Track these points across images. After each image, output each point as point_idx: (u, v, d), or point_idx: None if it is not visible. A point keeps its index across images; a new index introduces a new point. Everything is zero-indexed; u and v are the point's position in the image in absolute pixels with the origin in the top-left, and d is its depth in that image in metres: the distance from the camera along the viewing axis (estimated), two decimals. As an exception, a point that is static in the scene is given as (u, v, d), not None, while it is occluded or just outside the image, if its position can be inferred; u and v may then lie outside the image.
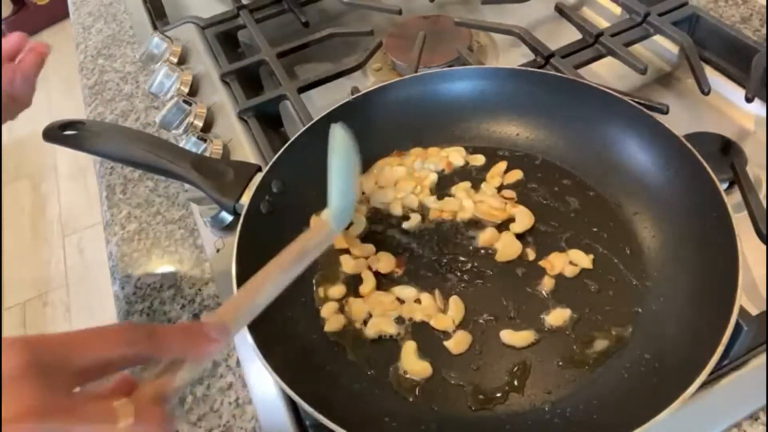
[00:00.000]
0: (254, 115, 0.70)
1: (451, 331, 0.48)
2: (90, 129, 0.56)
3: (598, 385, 0.44)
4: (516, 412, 0.44)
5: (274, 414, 0.48)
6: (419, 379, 0.46)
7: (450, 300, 0.50)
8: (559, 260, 0.51)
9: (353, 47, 0.81)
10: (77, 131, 0.56)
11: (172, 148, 0.56)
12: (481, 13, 0.84)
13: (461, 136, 0.62)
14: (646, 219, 0.52)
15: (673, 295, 0.47)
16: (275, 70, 0.74)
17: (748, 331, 0.43)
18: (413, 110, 0.62)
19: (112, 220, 0.66)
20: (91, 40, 0.92)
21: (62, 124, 0.56)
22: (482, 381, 0.46)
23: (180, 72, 0.75)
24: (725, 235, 0.45)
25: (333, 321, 0.50)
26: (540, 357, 0.46)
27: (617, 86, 0.67)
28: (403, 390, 0.46)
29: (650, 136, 0.54)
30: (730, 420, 0.43)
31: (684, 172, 0.51)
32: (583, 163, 0.57)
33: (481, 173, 0.59)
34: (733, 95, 0.65)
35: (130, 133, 0.61)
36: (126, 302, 0.59)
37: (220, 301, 0.56)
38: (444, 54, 0.75)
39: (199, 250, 0.61)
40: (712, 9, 0.73)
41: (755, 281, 0.51)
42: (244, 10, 0.84)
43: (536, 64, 0.68)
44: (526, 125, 0.61)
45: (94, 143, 0.56)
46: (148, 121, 0.76)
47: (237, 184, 0.54)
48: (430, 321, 0.49)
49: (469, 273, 0.52)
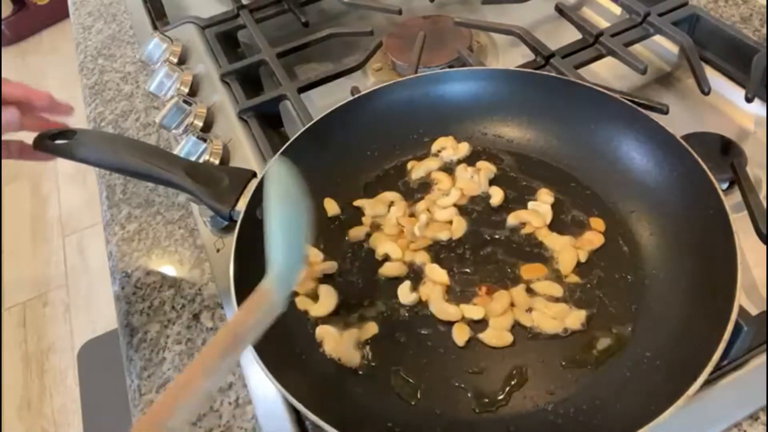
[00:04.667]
0: (254, 115, 0.70)
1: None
2: (81, 138, 0.56)
3: (600, 385, 0.44)
4: (519, 413, 0.44)
5: (274, 414, 0.48)
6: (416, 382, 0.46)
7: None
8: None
9: (353, 47, 0.81)
10: (68, 140, 0.55)
11: (165, 156, 0.56)
12: (481, 13, 0.84)
13: (458, 136, 0.61)
14: (643, 217, 0.52)
15: (672, 293, 0.47)
16: (275, 70, 0.74)
17: (748, 331, 0.43)
18: (413, 111, 0.62)
19: (112, 220, 0.66)
20: (91, 40, 0.92)
21: (53, 133, 0.56)
22: (484, 383, 0.46)
23: (180, 72, 0.75)
24: (723, 233, 0.45)
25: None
26: (541, 357, 0.46)
27: (617, 86, 0.68)
28: (405, 394, 0.46)
29: (646, 136, 0.54)
30: (730, 420, 0.43)
31: (680, 170, 0.51)
32: (579, 162, 0.57)
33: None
34: (733, 95, 0.65)
35: (123, 141, 0.61)
36: (126, 302, 0.59)
37: (219, 301, 0.56)
38: (444, 54, 0.75)
39: (199, 250, 0.61)
40: (712, 9, 0.73)
41: (755, 281, 0.51)
42: (244, 10, 0.84)
43: (536, 65, 0.68)
44: (524, 125, 0.61)
45: (86, 153, 0.55)
46: (148, 121, 0.76)
47: (232, 190, 0.53)
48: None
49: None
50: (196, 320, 0.56)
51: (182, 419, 0.34)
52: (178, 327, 0.56)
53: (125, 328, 0.57)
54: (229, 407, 0.50)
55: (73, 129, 0.56)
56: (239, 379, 0.51)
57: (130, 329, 0.57)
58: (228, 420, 0.49)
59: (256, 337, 0.39)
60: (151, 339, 0.55)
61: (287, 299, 0.41)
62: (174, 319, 0.56)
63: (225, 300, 0.56)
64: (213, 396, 0.50)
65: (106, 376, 1.58)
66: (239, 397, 0.50)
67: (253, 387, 0.50)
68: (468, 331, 0.48)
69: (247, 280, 0.48)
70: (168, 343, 0.55)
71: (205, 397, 0.36)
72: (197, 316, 0.56)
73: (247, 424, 0.49)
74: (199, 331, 0.55)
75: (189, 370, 0.36)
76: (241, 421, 0.49)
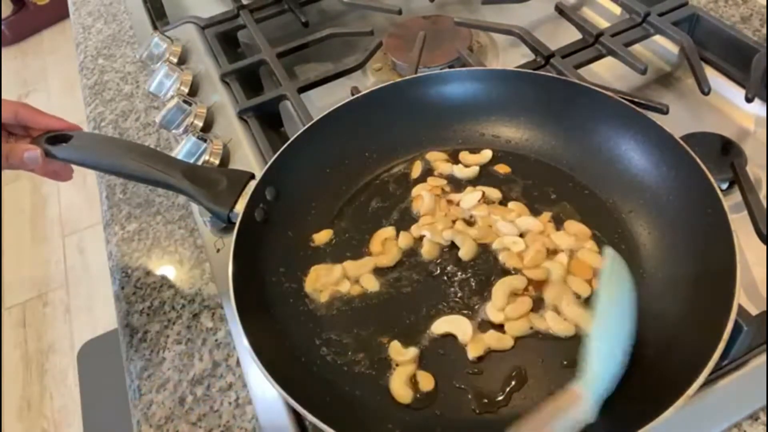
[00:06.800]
0: (254, 115, 0.70)
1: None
2: (78, 142, 0.56)
3: (599, 385, 0.44)
4: (519, 414, 0.44)
5: (274, 414, 0.48)
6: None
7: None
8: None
9: (353, 47, 0.81)
10: (65, 144, 0.55)
11: (162, 158, 0.56)
12: (481, 13, 0.84)
13: (456, 137, 0.62)
14: (642, 217, 0.52)
15: (671, 293, 0.47)
16: (275, 70, 0.74)
17: (748, 331, 0.43)
18: (413, 111, 0.62)
19: (112, 220, 0.66)
20: (91, 40, 0.92)
21: (49, 137, 0.56)
22: (485, 384, 0.46)
23: (180, 72, 0.75)
24: (722, 233, 0.45)
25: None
26: (541, 358, 0.46)
27: (617, 86, 0.68)
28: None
29: (645, 136, 0.54)
30: (730, 420, 0.43)
31: (679, 170, 0.51)
32: (578, 162, 0.57)
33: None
34: (733, 95, 0.65)
35: (120, 144, 0.61)
36: (126, 302, 0.59)
37: (219, 301, 0.56)
38: (444, 54, 0.75)
39: (199, 250, 0.61)
40: (712, 9, 0.73)
41: (755, 281, 0.51)
42: (244, 10, 0.84)
43: (536, 65, 0.68)
44: (523, 126, 0.61)
45: (83, 156, 0.56)
46: (148, 121, 0.76)
47: (230, 192, 0.53)
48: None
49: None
50: (196, 320, 0.56)
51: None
52: (178, 327, 0.56)
53: (125, 328, 0.57)
54: (229, 407, 0.50)
55: (71, 132, 0.56)
56: (239, 379, 0.51)
57: (130, 329, 0.57)
58: (228, 420, 0.49)
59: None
60: (151, 339, 0.55)
61: (599, 408, 0.37)
62: (174, 319, 0.56)
63: (225, 300, 0.56)
64: (213, 396, 0.51)
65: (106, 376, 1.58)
66: (239, 397, 0.50)
67: (253, 387, 0.50)
68: (483, 347, 0.47)
69: (245, 282, 0.48)
70: (168, 343, 0.55)
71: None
72: (197, 316, 0.56)
73: (247, 424, 0.49)
74: (199, 331, 0.55)
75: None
76: (241, 421, 0.49)
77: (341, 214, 0.58)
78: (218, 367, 0.52)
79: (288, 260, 0.54)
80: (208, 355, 0.53)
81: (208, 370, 0.52)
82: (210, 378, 0.52)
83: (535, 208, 0.55)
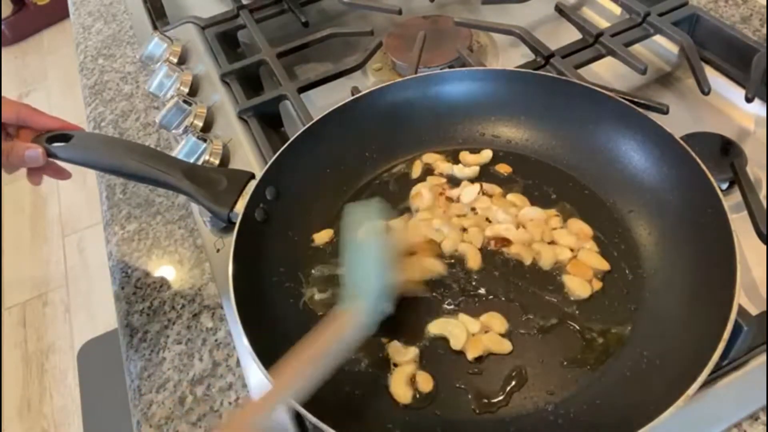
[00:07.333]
0: (254, 115, 0.70)
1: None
2: (79, 142, 0.56)
3: (600, 385, 0.44)
4: (520, 414, 0.44)
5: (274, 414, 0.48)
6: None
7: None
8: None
9: (353, 47, 0.81)
10: (65, 143, 0.55)
11: (163, 158, 0.56)
12: (481, 13, 0.84)
13: (456, 137, 0.62)
14: (642, 216, 0.52)
15: (671, 293, 0.47)
16: (275, 70, 0.74)
17: (748, 331, 0.43)
18: (412, 111, 0.62)
19: (112, 220, 0.66)
20: (91, 40, 0.92)
21: (49, 136, 0.56)
22: (485, 384, 0.46)
23: (180, 72, 0.75)
24: (722, 233, 0.45)
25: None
26: (541, 358, 0.46)
27: (617, 86, 0.68)
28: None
29: (645, 136, 0.54)
30: (730, 420, 0.43)
31: (678, 169, 0.51)
32: (578, 162, 0.57)
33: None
34: (733, 95, 0.65)
35: (120, 144, 0.60)
36: (126, 302, 0.59)
37: (219, 301, 0.56)
38: (444, 54, 0.75)
39: (199, 250, 0.61)
40: (712, 9, 0.73)
41: (755, 281, 0.51)
42: (244, 10, 0.84)
43: (536, 65, 0.68)
44: (523, 126, 0.61)
45: (84, 156, 0.56)
46: (148, 121, 0.76)
47: (230, 192, 0.53)
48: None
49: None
50: (196, 320, 0.56)
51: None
52: (178, 327, 0.56)
53: (125, 328, 0.57)
54: (229, 407, 0.50)
55: (71, 132, 0.56)
56: (239, 379, 0.51)
57: (130, 329, 0.57)
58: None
59: (341, 358, 0.41)
60: (151, 339, 0.55)
61: (375, 323, 0.43)
62: (174, 319, 0.56)
63: (225, 300, 0.56)
64: (213, 396, 0.51)
65: (106, 376, 1.58)
66: (239, 397, 0.50)
67: (253, 387, 0.50)
68: (481, 348, 0.47)
69: (245, 282, 0.48)
70: (168, 343, 0.55)
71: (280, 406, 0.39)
72: (197, 316, 0.56)
73: (247, 424, 0.49)
74: (199, 332, 0.55)
75: (265, 395, 0.38)
76: (241, 421, 0.49)
77: (341, 214, 0.58)
78: (218, 367, 0.52)
79: (288, 260, 0.54)
80: (208, 355, 0.53)
81: (208, 370, 0.52)
82: (210, 378, 0.52)
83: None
